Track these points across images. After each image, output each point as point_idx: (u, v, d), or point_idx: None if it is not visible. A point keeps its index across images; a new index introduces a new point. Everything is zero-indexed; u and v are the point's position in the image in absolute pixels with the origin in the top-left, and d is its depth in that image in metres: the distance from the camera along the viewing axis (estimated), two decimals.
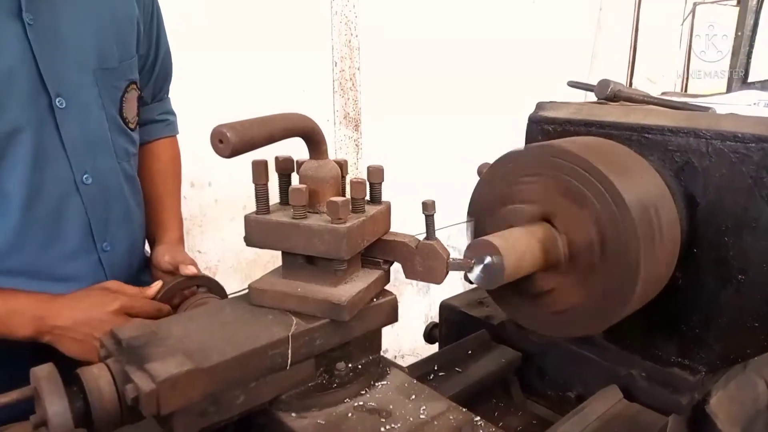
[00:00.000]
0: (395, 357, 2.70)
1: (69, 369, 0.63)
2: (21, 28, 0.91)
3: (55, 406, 0.56)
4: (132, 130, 1.16)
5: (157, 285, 1.04)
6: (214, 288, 1.10)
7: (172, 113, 1.37)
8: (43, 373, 0.58)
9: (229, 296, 0.90)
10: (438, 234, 0.78)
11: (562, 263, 0.85)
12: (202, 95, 1.81)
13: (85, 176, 1.03)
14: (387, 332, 0.82)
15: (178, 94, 1.42)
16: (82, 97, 1.01)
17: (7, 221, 0.95)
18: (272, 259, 0.78)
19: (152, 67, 1.24)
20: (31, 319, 0.93)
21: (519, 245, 0.80)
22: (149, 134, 1.29)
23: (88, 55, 1.02)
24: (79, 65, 1.00)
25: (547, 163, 0.85)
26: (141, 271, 1.24)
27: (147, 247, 1.31)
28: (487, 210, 0.94)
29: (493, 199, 0.93)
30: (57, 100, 0.96)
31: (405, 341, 2.72)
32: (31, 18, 0.91)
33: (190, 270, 1.08)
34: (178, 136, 1.40)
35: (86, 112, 1.02)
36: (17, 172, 0.94)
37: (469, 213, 0.98)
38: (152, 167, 1.30)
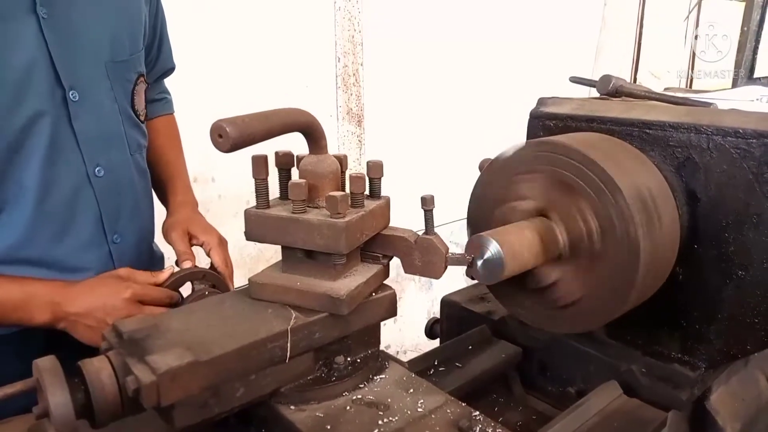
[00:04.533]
0: (397, 353, 2.71)
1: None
2: (36, 23, 0.92)
3: (57, 397, 0.57)
4: (142, 122, 1.17)
5: (167, 271, 1.05)
6: (218, 284, 1.10)
7: (168, 92, 1.40)
8: (46, 365, 0.59)
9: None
10: (440, 230, 0.78)
11: (563, 254, 0.85)
12: (205, 91, 1.82)
13: (97, 168, 1.04)
14: (389, 328, 0.82)
15: (181, 90, 1.43)
16: (94, 90, 1.02)
17: (21, 213, 0.97)
18: (275, 255, 0.79)
19: (155, 59, 1.26)
20: (49, 304, 0.94)
21: (518, 239, 0.80)
22: (148, 113, 1.31)
23: (101, 47, 1.03)
24: (92, 58, 1.02)
25: (540, 159, 0.86)
26: (149, 267, 1.25)
27: (157, 244, 1.33)
28: (485, 211, 0.94)
29: (491, 199, 0.93)
30: (71, 93, 0.97)
31: (407, 337, 2.73)
32: (46, 12, 0.92)
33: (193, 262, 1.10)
34: (180, 131, 1.41)
35: (99, 105, 1.04)
36: (33, 165, 0.95)
37: (468, 216, 0.98)
38: (155, 142, 1.32)
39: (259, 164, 0.73)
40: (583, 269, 0.84)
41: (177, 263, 1.14)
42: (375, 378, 0.77)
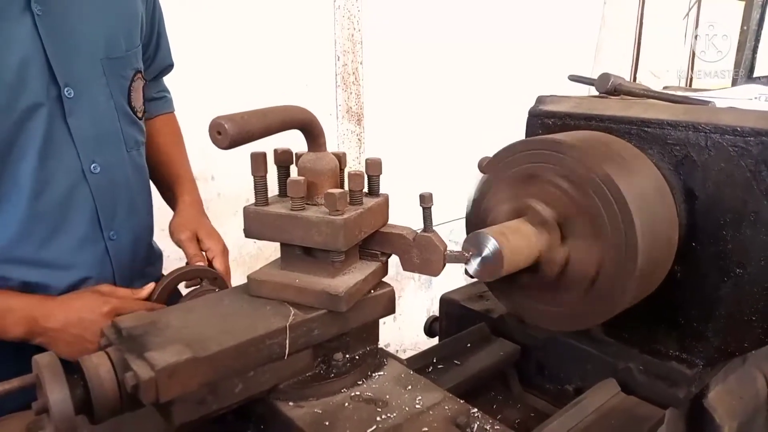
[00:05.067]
0: (397, 351, 2.72)
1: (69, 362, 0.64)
2: (30, 20, 0.92)
3: (57, 393, 0.57)
4: (140, 119, 1.17)
5: (149, 287, 1.05)
6: (216, 279, 1.11)
7: (167, 90, 1.40)
8: (45, 361, 0.59)
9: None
10: (440, 229, 0.78)
11: (561, 228, 0.84)
12: (205, 89, 1.82)
13: (93, 165, 1.04)
14: (389, 326, 0.82)
15: (181, 89, 1.44)
16: (90, 87, 1.02)
17: (16, 211, 0.97)
18: (274, 253, 0.79)
19: (153, 56, 1.27)
20: (24, 319, 0.94)
21: (515, 235, 0.81)
22: (149, 111, 1.31)
23: (96, 44, 1.03)
24: (87, 55, 1.01)
25: (505, 165, 0.87)
26: (148, 264, 1.25)
27: (156, 242, 1.33)
28: (505, 178, 0.90)
29: (518, 173, 0.89)
30: (66, 90, 0.97)
31: (406, 335, 2.73)
32: (40, 9, 0.92)
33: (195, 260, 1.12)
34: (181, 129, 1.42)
35: (95, 102, 1.04)
36: (27, 162, 0.95)
37: (467, 224, 0.97)
38: (157, 141, 1.32)
39: (258, 161, 0.73)
40: (556, 293, 0.86)
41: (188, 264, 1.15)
42: (373, 375, 0.77)
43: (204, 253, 1.18)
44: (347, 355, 0.78)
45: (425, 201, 0.75)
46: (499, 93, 2.87)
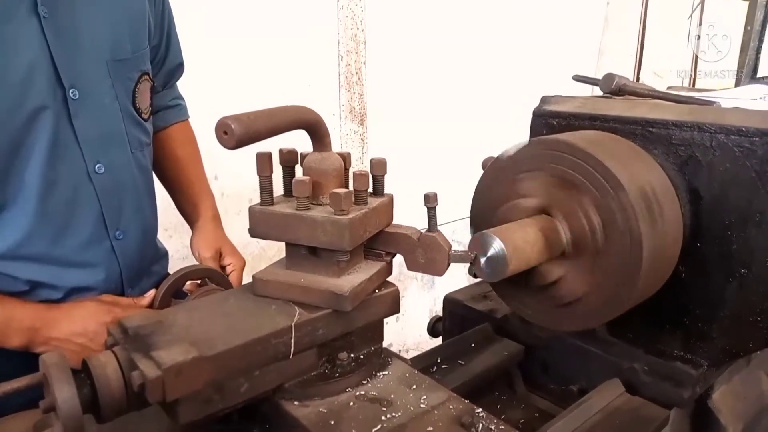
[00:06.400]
0: (399, 351, 2.72)
1: None
2: (37, 23, 0.92)
3: (64, 392, 0.57)
4: (145, 120, 1.18)
5: (150, 294, 1.07)
6: (220, 280, 1.11)
7: (182, 98, 1.42)
8: (52, 360, 0.59)
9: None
10: (443, 228, 0.79)
11: (566, 251, 0.84)
12: (208, 89, 1.83)
13: (97, 166, 1.04)
14: (391, 326, 0.83)
15: (184, 88, 1.44)
16: (95, 89, 1.03)
17: (24, 210, 0.98)
18: (277, 253, 0.79)
19: (164, 57, 1.27)
20: (26, 330, 0.95)
21: (521, 237, 0.80)
22: (164, 120, 1.33)
23: (102, 46, 1.03)
24: (92, 57, 1.02)
25: (542, 157, 0.86)
26: (154, 262, 1.26)
27: (160, 240, 1.34)
28: (489, 210, 0.94)
29: (494, 198, 0.93)
30: (71, 91, 0.98)
31: (409, 336, 2.73)
32: (47, 12, 0.93)
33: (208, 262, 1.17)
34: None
35: (99, 103, 1.04)
36: (34, 163, 0.96)
37: (471, 215, 0.98)
38: (175, 153, 1.34)
39: (264, 161, 0.74)
40: (587, 266, 0.84)
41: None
42: (378, 374, 0.77)
43: (225, 268, 1.22)
44: (352, 355, 0.78)
45: (430, 201, 0.75)
46: (503, 93, 2.87)
